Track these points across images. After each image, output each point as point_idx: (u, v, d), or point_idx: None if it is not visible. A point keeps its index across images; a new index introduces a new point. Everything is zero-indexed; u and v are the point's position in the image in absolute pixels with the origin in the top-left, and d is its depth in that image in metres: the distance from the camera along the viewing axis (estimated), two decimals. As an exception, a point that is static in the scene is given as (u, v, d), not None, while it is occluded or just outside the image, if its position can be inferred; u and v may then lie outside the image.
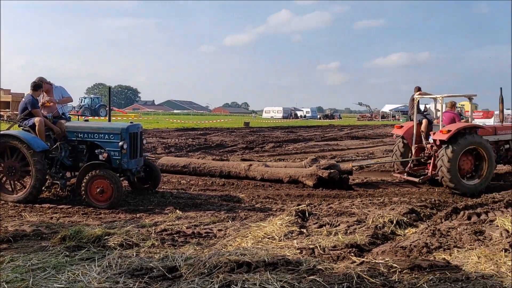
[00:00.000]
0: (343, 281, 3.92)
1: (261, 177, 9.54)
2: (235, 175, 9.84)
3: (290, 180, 9.30)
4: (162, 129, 27.98)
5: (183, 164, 10.37)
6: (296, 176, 9.31)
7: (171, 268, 4.17)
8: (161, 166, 10.31)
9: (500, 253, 4.81)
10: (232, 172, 9.90)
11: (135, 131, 7.48)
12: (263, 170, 9.67)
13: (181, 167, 10.28)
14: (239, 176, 9.79)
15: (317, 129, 34.17)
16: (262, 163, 10.27)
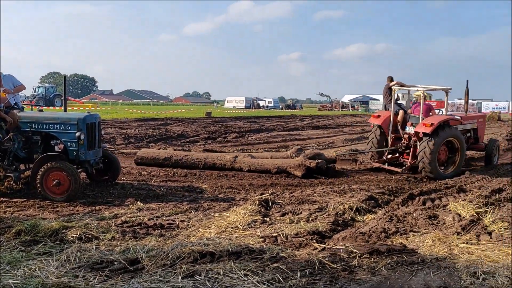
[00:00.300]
0: (305, 268, 4.00)
1: (248, 169, 9.47)
2: (220, 166, 9.67)
3: (278, 170, 9.28)
4: (121, 119, 27.29)
5: (164, 156, 10.03)
6: (284, 166, 9.30)
7: (133, 260, 4.11)
8: (140, 159, 10.03)
9: (452, 236, 5.06)
10: (217, 164, 9.71)
11: (92, 122, 7.25)
12: (250, 161, 9.58)
13: (162, 159, 9.96)
14: (224, 168, 9.64)
15: (279, 119, 34.40)
16: (247, 154, 10.11)
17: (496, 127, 26.38)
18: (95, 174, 7.84)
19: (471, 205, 6.41)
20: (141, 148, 13.35)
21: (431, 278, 3.86)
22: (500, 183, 8.47)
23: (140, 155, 10.19)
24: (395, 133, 10.36)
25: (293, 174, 9.16)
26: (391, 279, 3.84)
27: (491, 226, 5.52)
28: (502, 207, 6.51)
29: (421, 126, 9.35)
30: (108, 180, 7.84)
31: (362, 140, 18.14)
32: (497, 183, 8.51)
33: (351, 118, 36.85)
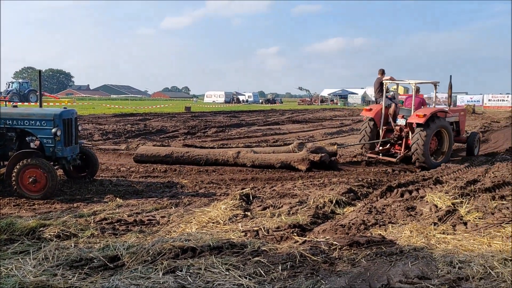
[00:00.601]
0: (286, 261, 4.03)
1: (252, 164, 9.40)
2: (223, 162, 9.55)
3: (282, 165, 9.27)
4: (99, 114, 26.84)
5: (164, 153, 9.78)
6: (287, 161, 9.30)
7: (113, 257, 4.06)
8: (140, 156, 9.78)
9: (429, 227, 5.17)
10: (220, 160, 9.59)
11: (69, 117, 7.10)
12: (253, 156, 9.51)
13: (162, 156, 9.72)
14: (227, 163, 9.52)
15: (259, 113, 34.42)
16: (250, 150, 10.02)
17: (471, 120, 27.02)
18: (73, 171, 7.70)
19: (447, 196, 6.56)
20: (120, 144, 13.19)
21: (409, 268, 3.95)
22: (475, 174, 8.71)
23: (140, 153, 9.89)
24: (386, 125, 10.76)
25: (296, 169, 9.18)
26: (371, 270, 3.90)
27: (466, 216, 5.66)
28: (477, 198, 6.69)
29: (414, 117, 9.79)
30: (86, 176, 7.72)
31: (341, 134, 18.34)
32: (472, 175, 8.75)
33: (330, 112, 37.16)
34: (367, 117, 10.98)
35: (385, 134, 10.76)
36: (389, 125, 10.77)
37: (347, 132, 19.16)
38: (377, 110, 10.84)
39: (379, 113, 10.80)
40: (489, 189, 7.32)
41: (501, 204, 6.32)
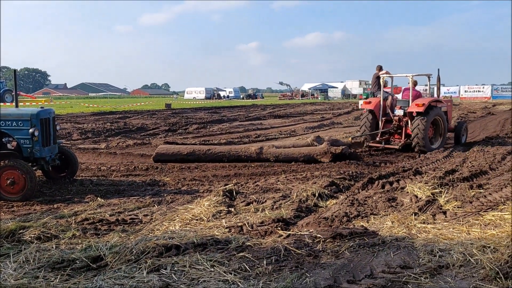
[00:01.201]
0: (271, 255, 4.05)
1: (275, 159, 9.48)
2: (245, 158, 9.53)
3: (305, 159, 9.45)
4: (77, 113, 26.39)
5: (186, 152, 9.62)
6: (311, 154, 9.51)
7: (95, 258, 4.01)
8: (160, 155, 9.54)
9: (410, 217, 5.27)
10: (242, 156, 9.55)
11: (46, 117, 6.96)
12: (276, 151, 9.59)
13: (184, 155, 9.57)
14: (250, 159, 9.51)
15: (240, 109, 34.36)
16: (271, 145, 10.08)
17: (448, 111, 27.51)
18: (52, 171, 7.56)
19: (426, 186, 6.69)
20: (99, 143, 13.00)
21: (392, 258, 4.02)
22: (453, 165, 8.90)
23: (160, 152, 9.63)
24: (385, 116, 11.51)
25: (320, 161, 9.38)
26: (354, 261, 3.96)
27: (445, 206, 5.79)
28: (456, 187, 6.84)
29: (414, 107, 10.71)
30: (66, 176, 7.59)
31: (322, 127, 18.47)
32: (450, 165, 8.93)
33: (311, 107, 37.36)
34: (367, 109, 11.63)
35: (384, 125, 11.47)
36: (387, 116, 11.49)
37: (328, 125, 19.31)
38: (376, 103, 11.49)
39: (378, 105, 11.45)
40: (467, 178, 7.50)
41: (479, 192, 6.48)
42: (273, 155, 9.52)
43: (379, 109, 11.48)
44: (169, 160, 9.53)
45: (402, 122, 11.21)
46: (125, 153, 10.85)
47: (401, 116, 11.15)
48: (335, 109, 33.18)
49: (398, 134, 11.41)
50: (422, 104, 10.59)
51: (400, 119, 11.23)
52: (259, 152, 9.55)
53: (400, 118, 11.20)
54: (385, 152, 11.10)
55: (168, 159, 9.54)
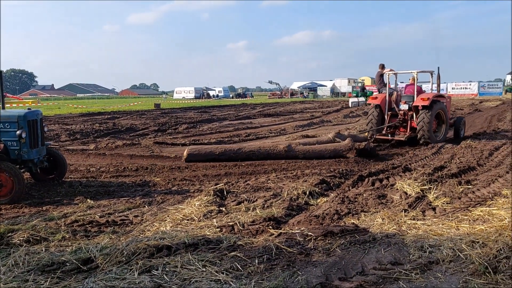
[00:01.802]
0: (263, 254, 4.05)
1: (304, 156, 9.65)
2: (274, 156, 9.64)
3: (332, 155, 9.81)
4: (65, 115, 26.13)
5: (218, 152, 9.65)
6: (336, 150, 9.87)
7: (86, 260, 3.97)
8: (192, 156, 9.48)
9: (400, 214, 5.31)
10: (272, 154, 9.66)
11: (34, 118, 6.88)
12: (304, 148, 9.82)
13: (216, 154, 9.59)
14: (278, 157, 9.61)
15: (230, 108, 34.31)
16: (297, 142, 10.31)
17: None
18: (40, 173, 7.48)
19: (416, 183, 6.75)
20: (88, 144, 12.88)
21: (382, 254, 4.04)
22: (442, 161, 8.99)
23: (192, 153, 9.54)
24: (390, 111, 12.23)
25: (346, 157, 9.74)
26: (345, 259, 3.98)
27: (435, 202, 5.85)
28: (444, 183, 6.91)
29: (419, 101, 11.44)
30: (55, 178, 7.51)
31: (312, 126, 18.52)
32: (439, 161, 9.02)
33: (301, 105, 37.43)
34: (374, 104, 12.35)
35: (389, 119, 12.21)
36: (392, 110, 12.24)
37: (318, 124, 19.37)
38: (382, 98, 12.22)
39: (384, 101, 12.18)
40: (455, 174, 7.58)
41: (467, 188, 6.56)
42: (301, 152, 9.73)
43: (385, 104, 12.16)
44: (201, 160, 9.50)
45: (407, 116, 11.92)
46: (115, 154, 10.77)
47: (406, 110, 11.88)
48: (325, 107, 33.30)
49: (403, 127, 12.12)
50: (427, 99, 11.29)
51: (405, 113, 11.94)
52: (287, 149, 9.70)
53: (405, 112, 11.92)
54: (392, 145, 11.83)
55: (200, 159, 9.52)
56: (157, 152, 11.13)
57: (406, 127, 12.03)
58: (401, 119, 12.04)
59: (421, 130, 11.33)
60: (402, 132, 12.13)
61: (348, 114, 24.95)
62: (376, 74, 13.10)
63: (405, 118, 12.00)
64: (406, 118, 11.97)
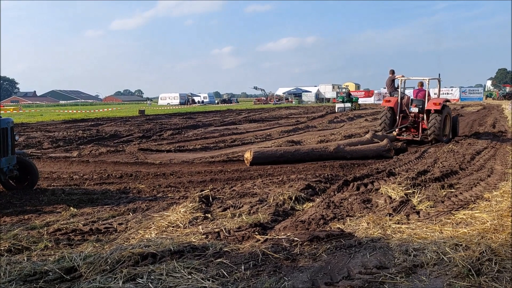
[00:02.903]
0: (249, 260, 4.04)
1: (350, 156, 10.36)
2: (326, 157, 10.19)
3: (374, 154, 10.63)
4: (48, 122, 25.75)
5: (278, 154, 10.14)
6: (378, 150, 10.74)
7: (69, 269, 3.90)
8: (257, 159, 9.78)
9: (385, 218, 5.36)
10: (323, 155, 10.23)
11: (4, 127, 6.71)
12: (351, 149, 10.55)
13: (276, 157, 10.05)
14: (329, 157, 10.18)
15: (215, 114, 34.26)
16: (344, 143, 11.11)
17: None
18: (11, 182, 7.30)
19: (400, 187, 6.82)
20: (71, 151, 12.70)
21: (368, 258, 4.07)
22: (425, 165, 9.11)
23: (257, 156, 9.89)
24: (401, 113, 13.42)
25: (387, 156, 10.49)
26: (332, 263, 3.99)
27: (418, 206, 5.91)
28: (428, 187, 7.00)
29: (431, 105, 12.67)
30: (27, 187, 7.34)
31: (297, 131, 18.60)
32: (422, 166, 9.14)
33: (286, 111, 37.59)
34: (387, 107, 13.53)
35: (401, 120, 13.41)
36: (403, 113, 13.43)
37: (303, 129, 19.47)
38: (394, 101, 13.44)
39: (396, 104, 13.39)
40: (438, 178, 7.69)
41: (450, 192, 6.66)
42: (348, 152, 10.42)
43: (397, 107, 13.38)
44: (263, 162, 9.85)
45: (418, 118, 13.15)
46: (98, 161, 10.64)
47: (417, 113, 13.10)
48: (309, 113, 33.51)
49: (414, 128, 13.32)
50: (439, 103, 12.57)
51: (416, 116, 13.17)
52: (336, 150, 10.34)
53: (416, 114, 13.14)
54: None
55: (263, 162, 9.86)
56: (141, 158, 11.04)
57: (416, 128, 13.25)
58: (411, 121, 13.25)
59: (431, 130, 12.50)
60: (413, 132, 13.30)
61: (333, 120, 25.15)
62: (387, 79, 14.31)
63: (415, 120, 13.21)
64: (417, 120, 13.19)
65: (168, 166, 9.85)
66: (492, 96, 66.76)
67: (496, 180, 7.52)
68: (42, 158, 10.95)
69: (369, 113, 31.80)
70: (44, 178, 8.67)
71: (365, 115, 29.14)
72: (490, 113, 29.68)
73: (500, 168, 8.67)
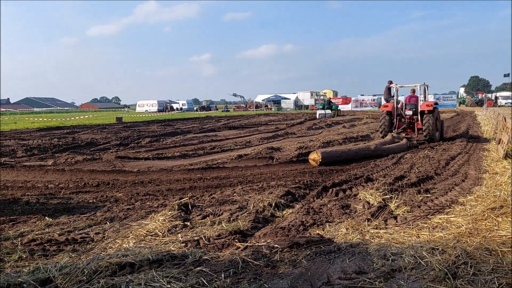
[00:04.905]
0: (229, 268, 4.01)
1: (386, 153, 12.04)
2: (369, 155, 11.56)
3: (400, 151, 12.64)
4: (22, 129, 25.13)
5: (338, 154, 11.07)
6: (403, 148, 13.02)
7: (44, 280, 3.80)
8: (324, 159, 10.44)
9: (363, 223, 5.41)
10: (368, 154, 11.61)
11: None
12: (384, 148, 12.31)
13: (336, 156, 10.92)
14: (371, 155, 11.55)
15: (194, 121, 34.09)
16: (378, 143, 12.71)
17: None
18: None
19: (378, 192, 6.91)
20: (46, 159, 12.42)
21: (347, 264, 4.10)
22: (402, 171, 9.26)
23: (324, 156, 10.61)
24: (398, 116, 15.25)
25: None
26: (311, 269, 4.00)
27: (396, 211, 6.00)
28: (405, 192, 7.11)
29: (424, 106, 14.46)
30: None
31: (277, 138, 18.67)
32: (399, 171, 9.29)
33: (266, 118, 37.72)
34: (386, 111, 15.22)
35: (398, 123, 15.22)
36: (399, 116, 15.27)
37: (282, 136, 19.54)
38: (392, 106, 15.24)
39: (393, 108, 15.22)
40: (414, 184, 7.83)
41: (426, 197, 6.78)
42: (384, 150, 12.13)
43: (394, 111, 15.19)
44: (328, 162, 10.56)
45: (413, 120, 15.05)
46: (74, 169, 10.43)
47: (411, 115, 15.01)
48: (289, 119, 33.69)
49: (410, 129, 15.20)
50: (431, 105, 14.36)
51: (411, 118, 15.06)
52: (375, 149, 11.91)
53: (411, 116, 15.04)
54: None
55: (328, 162, 10.58)
56: (119, 166, 10.87)
57: (412, 129, 15.16)
58: (407, 122, 15.14)
59: (426, 129, 14.22)
60: (409, 132, 15.14)
61: (312, 126, 25.35)
62: (385, 87, 16.35)
63: (411, 122, 15.10)
64: (412, 121, 15.07)
65: (146, 174, 9.73)
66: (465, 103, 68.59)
67: (470, 185, 7.70)
68: (16, 167, 10.67)
69: (347, 119, 32.21)
70: (18, 188, 8.45)
71: (343, 122, 29.49)
72: (464, 119, 30.47)
73: (474, 173, 8.89)
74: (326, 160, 10.55)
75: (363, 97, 67.15)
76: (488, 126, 21.33)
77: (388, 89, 16.30)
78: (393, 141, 13.57)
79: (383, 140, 13.65)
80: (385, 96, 16.63)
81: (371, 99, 64.78)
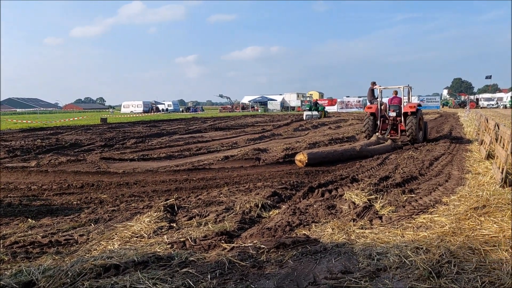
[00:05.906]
0: (215, 269, 4.00)
1: (371, 154, 12.17)
2: (355, 156, 11.58)
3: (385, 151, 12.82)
4: (4, 130, 24.69)
5: (324, 155, 11.13)
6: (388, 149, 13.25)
7: (27, 283, 3.73)
8: (310, 160, 10.41)
9: (349, 223, 5.45)
10: (353, 155, 11.64)
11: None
12: (369, 149, 12.36)
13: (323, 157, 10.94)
14: (357, 156, 11.56)
15: (180, 122, 33.93)
16: (364, 144, 12.82)
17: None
18: None
19: (363, 193, 6.97)
20: (29, 161, 12.22)
21: (333, 264, 4.12)
22: (387, 171, 9.35)
23: (310, 157, 10.57)
24: (382, 117, 15.28)
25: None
26: (298, 270, 4.01)
27: (381, 211, 6.06)
28: (390, 193, 7.19)
29: (407, 108, 14.64)
30: None
31: (263, 139, 18.69)
32: (384, 172, 9.38)
33: (252, 119, 37.73)
34: (370, 113, 15.31)
35: (381, 124, 15.27)
36: (383, 117, 15.30)
37: (269, 137, 19.57)
38: (375, 108, 15.32)
39: (377, 110, 15.28)
40: (399, 184, 7.91)
41: (411, 197, 6.86)
42: (369, 151, 12.20)
43: (378, 112, 15.24)
44: (314, 163, 10.53)
45: (396, 121, 15.12)
46: (58, 170, 10.27)
47: (395, 116, 15.04)
48: (275, 121, 33.78)
49: (394, 130, 15.26)
50: (414, 106, 14.58)
51: (394, 119, 15.11)
52: (360, 150, 11.95)
53: (394, 118, 15.09)
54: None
55: (313, 163, 10.55)
56: (103, 168, 10.75)
57: (396, 130, 15.21)
58: (391, 123, 15.18)
59: (409, 130, 14.37)
60: (393, 133, 15.19)
61: (298, 128, 25.44)
62: (368, 89, 16.28)
63: (394, 123, 15.16)
64: (396, 122, 15.12)
65: (132, 175, 9.64)
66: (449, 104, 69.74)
67: (453, 185, 7.82)
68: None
69: (332, 121, 32.41)
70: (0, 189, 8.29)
71: (328, 123, 29.67)
72: (447, 120, 30.94)
73: (457, 173, 9.03)
74: (312, 161, 10.57)
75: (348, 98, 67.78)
76: (471, 127, 21.73)
77: (371, 90, 16.26)
78: (378, 142, 13.69)
79: (368, 141, 13.73)
80: (369, 97, 16.62)
81: (356, 101, 65.40)
